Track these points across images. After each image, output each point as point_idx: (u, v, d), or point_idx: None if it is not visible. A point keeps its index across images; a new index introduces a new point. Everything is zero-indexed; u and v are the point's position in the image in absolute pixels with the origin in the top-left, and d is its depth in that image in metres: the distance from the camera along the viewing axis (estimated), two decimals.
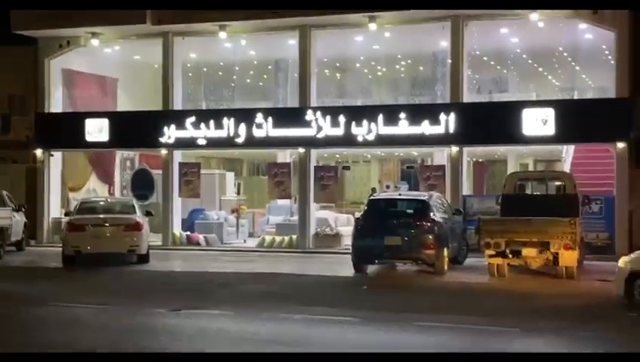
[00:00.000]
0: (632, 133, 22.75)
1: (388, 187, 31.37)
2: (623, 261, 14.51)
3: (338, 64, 29.90)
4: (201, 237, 26.45)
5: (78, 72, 28.92)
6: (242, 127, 25.53)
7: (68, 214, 23.00)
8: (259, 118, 25.51)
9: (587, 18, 22.91)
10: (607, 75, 25.00)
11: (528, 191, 20.67)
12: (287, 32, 25.48)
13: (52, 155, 27.95)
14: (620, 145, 22.71)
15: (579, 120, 23.00)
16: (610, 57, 24.28)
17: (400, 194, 22.75)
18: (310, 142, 25.15)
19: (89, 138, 27.16)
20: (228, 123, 25.69)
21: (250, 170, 36.03)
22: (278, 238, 25.73)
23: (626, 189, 22.76)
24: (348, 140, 24.84)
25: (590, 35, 24.41)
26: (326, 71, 28.91)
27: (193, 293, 15.98)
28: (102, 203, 23.05)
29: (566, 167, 25.89)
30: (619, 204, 22.66)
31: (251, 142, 25.72)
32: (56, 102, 28.18)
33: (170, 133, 26.23)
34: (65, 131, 27.57)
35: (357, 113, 24.96)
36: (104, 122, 27.16)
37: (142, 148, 28.76)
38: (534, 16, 22.68)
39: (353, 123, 24.55)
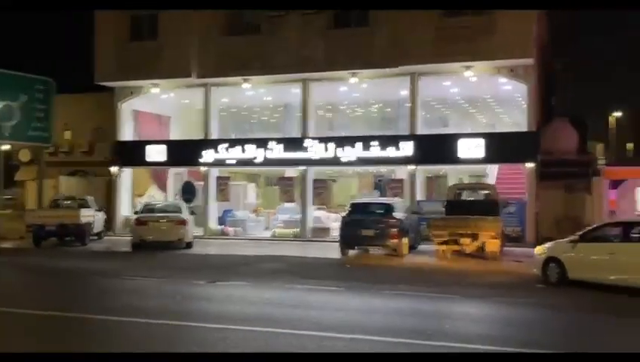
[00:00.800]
0: (537, 156, 22.70)
1: (364, 194, 31.21)
2: (540, 249, 14.22)
3: (329, 106, 29.75)
4: (231, 229, 26.17)
5: (143, 111, 28.64)
6: (260, 151, 25.32)
7: (135, 213, 22.81)
8: (272, 144, 25.30)
9: (506, 74, 22.87)
10: (520, 115, 24.94)
11: (464, 198, 20.56)
12: (292, 83, 25.28)
13: (124, 171, 27.73)
14: (529, 165, 22.57)
15: (500, 147, 22.84)
16: (522, 102, 24.17)
17: (373, 200, 22.62)
18: (309, 162, 24.91)
19: (150, 159, 26.96)
20: (250, 148, 25.49)
21: (265, 182, 35.77)
22: (285, 230, 25.51)
23: (533, 196, 22.67)
24: (335, 161, 24.60)
25: (508, 86, 24.29)
26: (320, 111, 28.72)
27: (224, 270, 15.86)
28: (159, 205, 22.77)
29: (491, 180, 25.78)
30: (528, 207, 22.54)
31: (266, 162, 25.46)
32: (127, 133, 27.93)
33: (209, 156, 25.99)
34: (133, 154, 27.30)
35: (342, 142, 24.72)
36: (161, 147, 26.95)
37: (188, 166, 28.39)
38: (469, 72, 22.59)
39: (339, 148, 24.37)
